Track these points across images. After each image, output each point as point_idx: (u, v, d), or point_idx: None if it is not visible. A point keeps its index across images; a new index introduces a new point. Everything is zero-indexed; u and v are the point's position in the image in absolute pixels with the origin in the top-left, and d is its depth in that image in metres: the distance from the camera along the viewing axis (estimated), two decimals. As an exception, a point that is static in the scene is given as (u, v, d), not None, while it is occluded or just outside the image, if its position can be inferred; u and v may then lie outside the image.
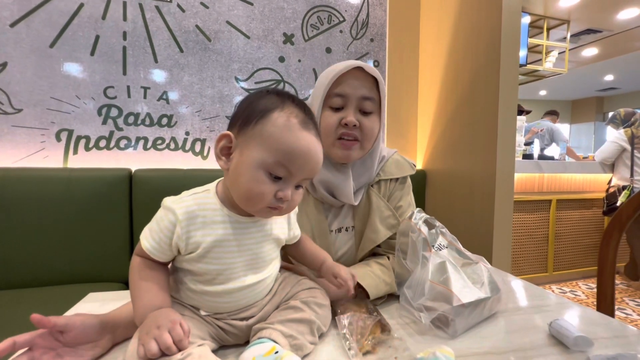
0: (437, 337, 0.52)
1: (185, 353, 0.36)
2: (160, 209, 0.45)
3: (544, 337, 0.53)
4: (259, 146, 0.42)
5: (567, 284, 2.43)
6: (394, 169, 0.76)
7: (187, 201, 0.44)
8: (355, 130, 0.65)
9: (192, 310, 0.46)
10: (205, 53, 1.46)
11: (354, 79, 0.64)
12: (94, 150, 1.34)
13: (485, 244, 1.30)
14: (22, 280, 1.12)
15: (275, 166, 0.42)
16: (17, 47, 1.25)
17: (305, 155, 0.43)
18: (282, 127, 0.42)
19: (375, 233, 0.71)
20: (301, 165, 0.43)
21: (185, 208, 0.43)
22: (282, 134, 0.42)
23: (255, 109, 0.44)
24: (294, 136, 0.42)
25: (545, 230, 2.34)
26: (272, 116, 0.43)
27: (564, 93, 7.52)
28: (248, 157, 0.42)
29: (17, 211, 1.12)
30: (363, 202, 0.72)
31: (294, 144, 0.42)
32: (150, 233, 0.44)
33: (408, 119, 1.77)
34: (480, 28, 1.34)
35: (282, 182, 0.43)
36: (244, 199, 0.43)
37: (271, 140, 0.42)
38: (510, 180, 1.28)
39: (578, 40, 4.36)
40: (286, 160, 0.42)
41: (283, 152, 0.42)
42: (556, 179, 2.38)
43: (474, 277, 0.59)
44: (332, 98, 0.65)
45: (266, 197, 0.42)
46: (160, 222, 0.43)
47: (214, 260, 0.44)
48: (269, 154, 0.42)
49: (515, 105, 1.27)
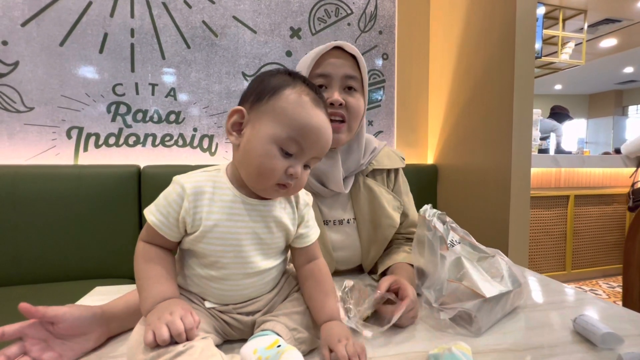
0: (459, 335, 0.49)
1: (188, 345, 0.35)
2: (169, 185, 0.43)
3: (568, 333, 0.49)
4: (272, 121, 0.42)
5: (586, 283, 2.34)
6: (386, 161, 0.77)
7: (196, 176, 0.44)
8: (342, 109, 0.64)
9: (198, 303, 0.45)
10: (212, 49, 1.45)
11: (335, 58, 0.65)
12: (104, 147, 1.35)
13: (501, 241, 1.25)
14: (34, 275, 1.13)
15: (288, 141, 0.41)
16: (28, 46, 1.26)
17: (317, 131, 0.43)
18: (295, 103, 0.42)
19: (391, 218, 0.71)
20: (313, 142, 0.43)
21: (194, 182, 0.42)
22: (294, 109, 0.42)
23: (268, 85, 0.44)
24: (306, 112, 0.42)
25: (562, 227, 2.26)
26: (284, 92, 0.43)
27: (581, 87, 7.28)
28: (260, 131, 0.42)
29: (30, 208, 1.13)
30: (362, 192, 0.72)
31: (306, 120, 0.42)
32: (157, 207, 0.42)
33: (418, 113, 1.73)
34: (493, 18, 1.29)
35: (293, 159, 0.42)
36: (254, 175, 0.42)
37: (284, 115, 0.42)
38: (526, 175, 1.23)
39: (596, 30, 4.20)
40: (299, 136, 0.42)
41: (296, 128, 0.41)
42: (574, 174, 2.30)
43: (492, 271, 0.55)
44: (314, 79, 0.65)
45: (277, 173, 0.41)
46: (169, 196, 0.42)
47: (219, 240, 0.42)
48: (282, 129, 0.41)
49: (531, 97, 1.22)
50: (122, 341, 0.46)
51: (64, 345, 0.40)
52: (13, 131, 1.26)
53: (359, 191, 0.72)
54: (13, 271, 1.12)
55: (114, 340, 0.46)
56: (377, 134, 1.66)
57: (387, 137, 1.68)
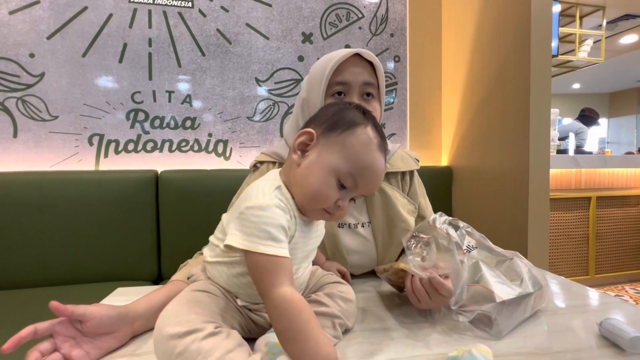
0: (478, 337, 0.48)
1: (219, 329, 0.37)
2: (254, 211, 0.40)
3: (593, 337, 0.48)
4: (339, 154, 0.44)
5: (611, 288, 2.25)
6: (400, 163, 0.76)
7: (273, 196, 0.43)
8: None
9: (230, 299, 0.46)
10: (226, 56, 1.48)
11: (354, 65, 0.65)
12: (123, 153, 1.40)
13: (520, 244, 1.22)
14: (59, 277, 1.17)
15: (347, 176, 0.44)
16: (53, 58, 1.32)
17: (375, 173, 0.46)
18: (364, 143, 0.45)
19: (405, 222, 0.71)
20: (368, 182, 0.45)
21: (277, 201, 0.42)
22: (362, 149, 0.45)
23: (344, 118, 0.46)
24: (371, 155, 0.45)
25: (584, 229, 2.18)
26: (356, 130, 0.45)
27: (600, 85, 7.04)
28: (325, 159, 0.44)
29: (55, 212, 1.18)
30: (376, 196, 0.71)
31: (369, 162, 0.45)
32: (268, 238, 0.39)
33: (431, 114, 1.72)
34: (507, 17, 1.27)
35: (345, 192, 0.45)
36: (309, 196, 0.44)
37: (352, 152, 0.44)
38: (545, 176, 1.20)
39: (615, 27, 4.07)
40: (358, 174, 0.44)
41: (358, 166, 0.44)
42: (595, 175, 2.22)
43: (512, 274, 0.54)
44: (333, 87, 0.65)
45: (329, 201, 0.44)
46: (274, 218, 0.40)
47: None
48: (345, 164, 0.44)
49: (548, 96, 1.19)
50: (146, 339, 0.47)
51: (92, 343, 0.42)
52: (39, 139, 1.32)
53: (373, 195, 0.71)
54: (40, 273, 1.16)
55: (138, 338, 0.48)
56: (389, 137, 1.65)
57: (400, 139, 1.67)
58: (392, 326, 0.52)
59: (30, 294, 1.07)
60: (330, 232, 0.68)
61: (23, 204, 1.15)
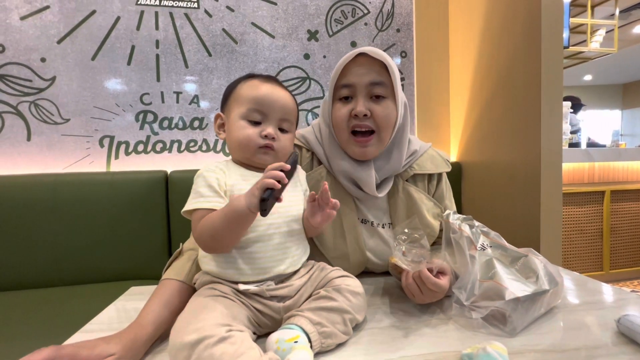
0: (492, 335, 0.48)
1: (230, 333, 0.38)
2: (196, 179, 0.52)
3: (611, 334, 0.47)
4: (236, 104, 0.55)
5: (626, 284, 2.20)
6: (429, 164, 0.72)
7: (213, 163, 0.54)
8: (367, 120, 0.61)
9: (232, 288, 0.47)
10: (233, 55, 1.49)
11: (359, 66, 0.61)
12: (133, 154, 1.41)
13: (532, 240, 1.20)
14: (73, 277, 1.20)
15: (250, 112, 0.53)
16: (63, 62, 1.34)
17: (269, 97, 0.53)
18: (247, 86, 0.55)
19: (430, 227, 0.68)
20: (269, 105, 0.53)
21: (213, 165, 0.54)
22: (247, 90, 0.55)
23: (228, 88, 0.58)
24: (255, 88, 0.54)
25: (598, 224, 2.14)
26: (238, 86, 0.56)
27: (613, 76, 6.85)
28: (230, 117, 0.55)
29: (68, 213, 1.20)
30: (400, 197, 0.68)
31: (256, 92, 0.54)
32: (198, 196, 0.49)
33: (440, 109, 1.70)
34: (516, 8, 1.24)
35: (262, 125, 0.53)
36: (239, 150, 0.54)
37: (241, 98, 0.54)
38: (557, 170, 1.18)
39: (629, 16, 3.97)
40: (257, 105, 0.53)
41: (252, 101, 0.53)
42: (609, 168, 2.17)
43: (527, 272, 0.54)
44: (339, 90, 0.63)
45: (252, 138, 0.52)
46: (206, 179, 0.50)
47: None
48: (243, 105, 0.53)
49: (560, 89, 1.16)
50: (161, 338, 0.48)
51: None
52: (52, 142, 1.35)
53: (397, 196, 0.69)
54: (54, 273, 1.19)
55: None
56: (397, 133, 1.64)
57: (408, 135, 1.65)
58: (404, 322, 0.52)
59: (45, 293, 1.10)
60: (352, 225, 0.67)
61: (37, 206, 1.18)
